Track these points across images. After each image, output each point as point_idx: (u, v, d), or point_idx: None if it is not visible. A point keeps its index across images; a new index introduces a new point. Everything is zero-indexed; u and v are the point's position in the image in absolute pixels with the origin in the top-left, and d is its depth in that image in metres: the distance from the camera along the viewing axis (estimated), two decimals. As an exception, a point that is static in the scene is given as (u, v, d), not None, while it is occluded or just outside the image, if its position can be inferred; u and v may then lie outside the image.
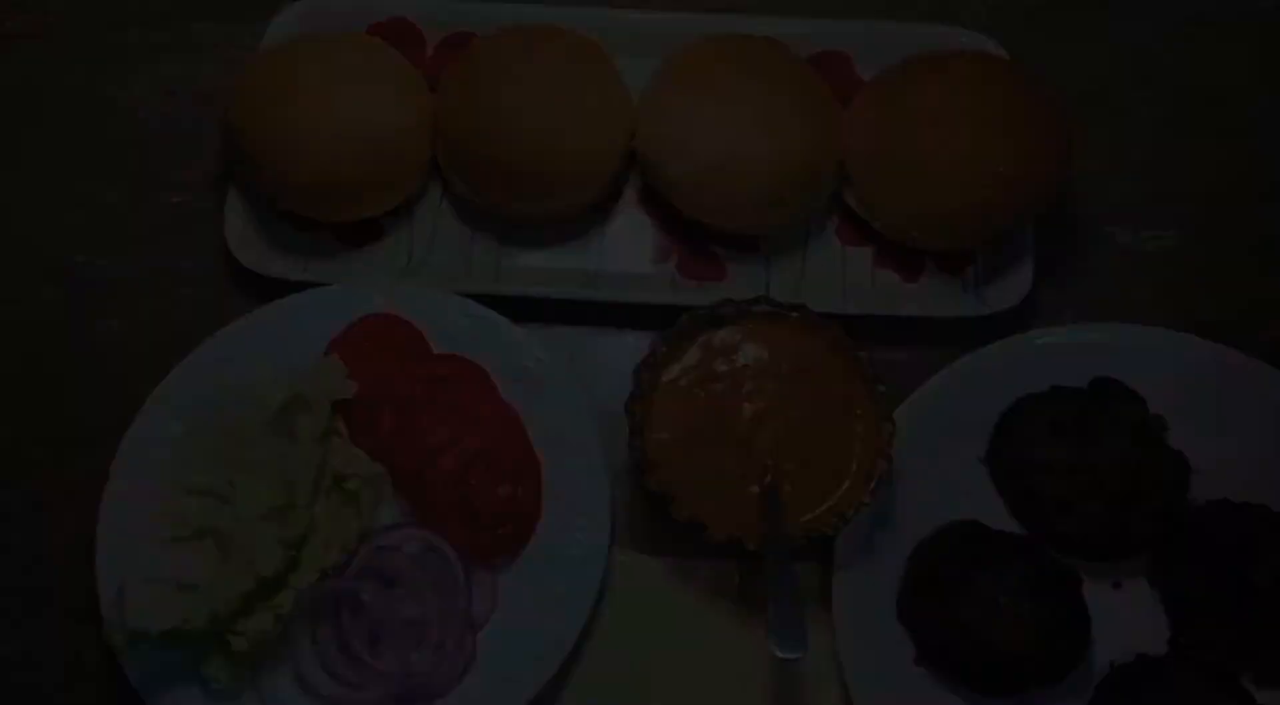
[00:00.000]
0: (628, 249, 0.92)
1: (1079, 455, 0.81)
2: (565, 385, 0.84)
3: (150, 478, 0.79)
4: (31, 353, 0.91)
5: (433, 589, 0.78)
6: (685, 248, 0.91)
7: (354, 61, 0.87)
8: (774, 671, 0.81)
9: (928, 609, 0.78)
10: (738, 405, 0.82)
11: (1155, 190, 0.97)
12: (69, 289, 0.92)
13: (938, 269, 0.91)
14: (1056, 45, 1.01)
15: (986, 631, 0.76)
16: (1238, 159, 0.98)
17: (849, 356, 0.81)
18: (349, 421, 0.83)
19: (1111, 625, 0.79)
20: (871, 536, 0.82)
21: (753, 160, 0.84)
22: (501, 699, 0.77)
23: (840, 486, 0.80)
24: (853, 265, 0.92)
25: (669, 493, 0.78)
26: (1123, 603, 0.82)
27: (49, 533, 0.85)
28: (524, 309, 0.89)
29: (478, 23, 0.93)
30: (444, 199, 0.92)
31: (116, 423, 0.85)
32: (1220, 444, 0.84)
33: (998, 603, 0.76)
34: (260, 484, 0.77)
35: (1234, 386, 0.86)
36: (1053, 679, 0.77)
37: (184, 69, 0.99)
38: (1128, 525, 0.80)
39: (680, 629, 0.82)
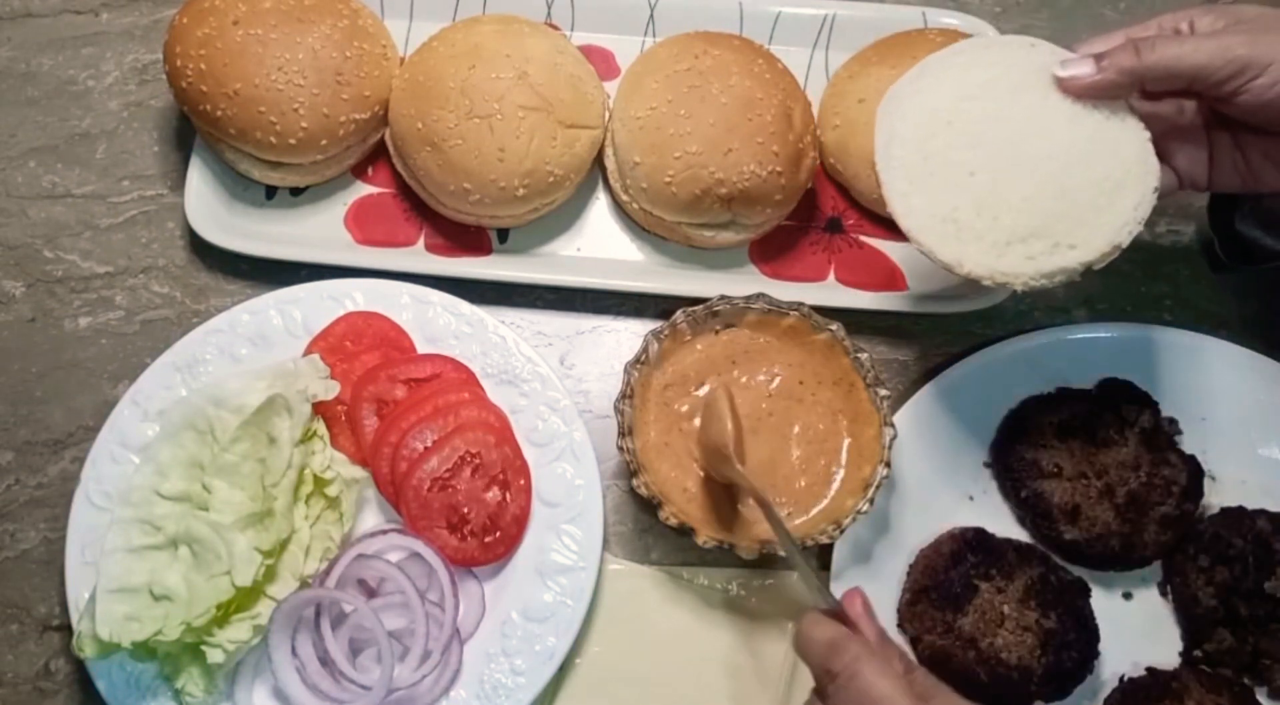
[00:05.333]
0: (620, 235, 0.91)
1: (1087, 460, 0.80)
2: (555, 386, 0.82)
3: (122, 483, 0.77)
4: (-4, 353, 0.89)
5: (417, 598, 0.76)
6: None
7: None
8: (767, 682, 0.79)
9: (928, 619, 0.77)
10: (731, 407, 0.79)
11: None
12: (36, 286, 0.90)
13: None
14: (1062, 29, 0.98)
15: (989, 643, 0.74)
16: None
17: (849, 357, 0.79)
18: (330, 423, 0.81)
19: (1121, 637, 0.78)
20: (871, 544, 0.80)
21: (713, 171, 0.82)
22: (489, 713, 0.75)
23: (839, 492, 0.78)
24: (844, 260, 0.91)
25: (658, 496, 0.75)
26: (1132, 614, 0.80)
27: (16, 540, 0.83)
28: (516, 297, 0.87)
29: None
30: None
31: (87, 426, 0.84)
32: (1236, 448, 0.83)
33: (1002, 613, 0.75)
34: (237, 489, 0.75)
35: (1250, 389, 0.84)
36: (1058, 693, 0.75)
37: (155, 55, 0.96)
38: (1138, 533, 0.78)
39: (672, 639, 0.80)
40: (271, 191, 0.91)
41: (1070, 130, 0.69)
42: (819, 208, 0.92)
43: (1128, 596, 0.81)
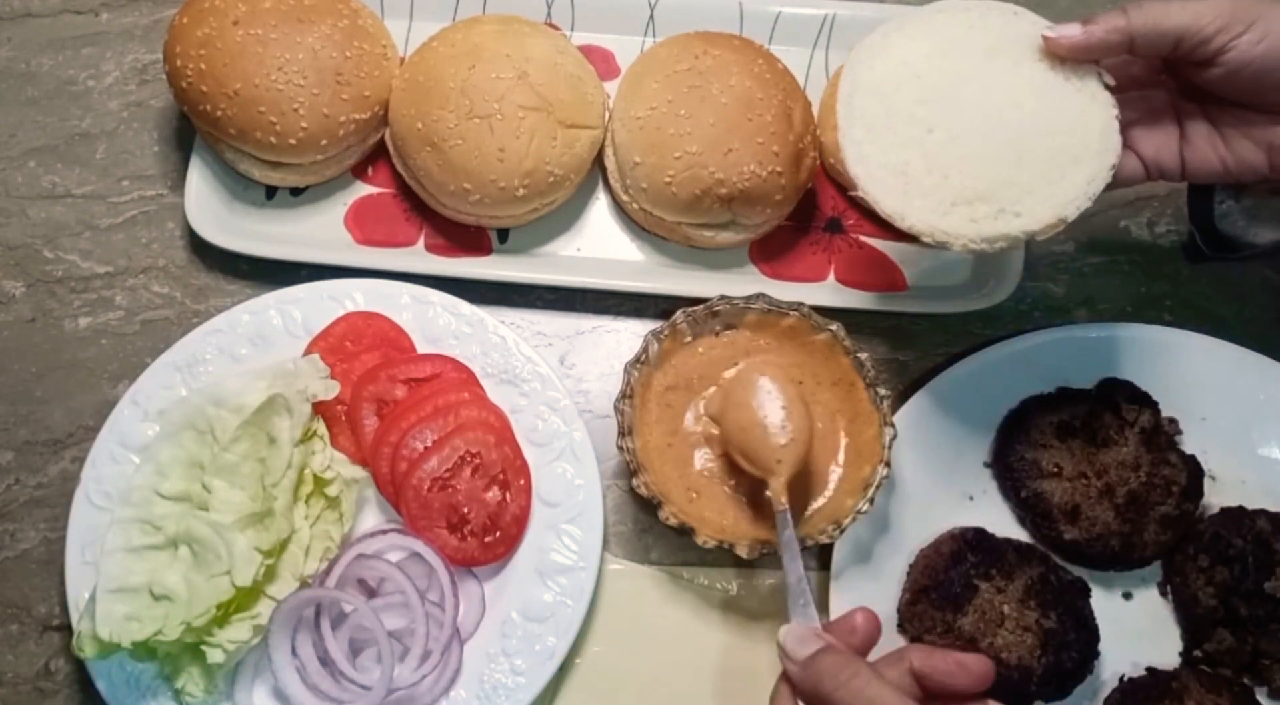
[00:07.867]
0: (620, 235, 0.91)
1: (1087, 460, 0.80)
2: (555, 386, 0.82)
3: (122, 483, 0.77)
4: (-3, 352, 0.89)
5: (417, 598, 0.76)
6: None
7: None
8: (766, 682, 0.78)
9: (928, 619, 0.76)
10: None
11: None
12: (36, 286, 0.90)
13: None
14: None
15: (989, 643, 0.74)
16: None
17: (849, 357, 0.79)
18: (330, 423, 0.81)
19: (1121, 637, 0.78)
20: (871, 544, 0.80)
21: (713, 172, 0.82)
22: (489, 713, 0.75)
23: (839, 492, 0.78)
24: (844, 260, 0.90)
25: (658, 496, 0.75)
26: (1132, 614, 0.80)
27: (16, 540, 0.83)
28: (516, 297, 0.87)
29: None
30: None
31: (87, 426, 0.84)
32: (1235, 448, 0.83)
33: (1002, 613, 0.75)
34: (237, 489, 0.75)
35: (1250, 388, 0.84)
36: (1058, 693, 0.75)
37: (155, 55, 0.95)
38: (1138, 533, 0.78)
39: (672, 639, 0.80)
40: (271, 191, 0.91)
41: (1037, 98, 0.69)
42: (819, 208, 0.92)
43: (1128, 596, 0.81)
